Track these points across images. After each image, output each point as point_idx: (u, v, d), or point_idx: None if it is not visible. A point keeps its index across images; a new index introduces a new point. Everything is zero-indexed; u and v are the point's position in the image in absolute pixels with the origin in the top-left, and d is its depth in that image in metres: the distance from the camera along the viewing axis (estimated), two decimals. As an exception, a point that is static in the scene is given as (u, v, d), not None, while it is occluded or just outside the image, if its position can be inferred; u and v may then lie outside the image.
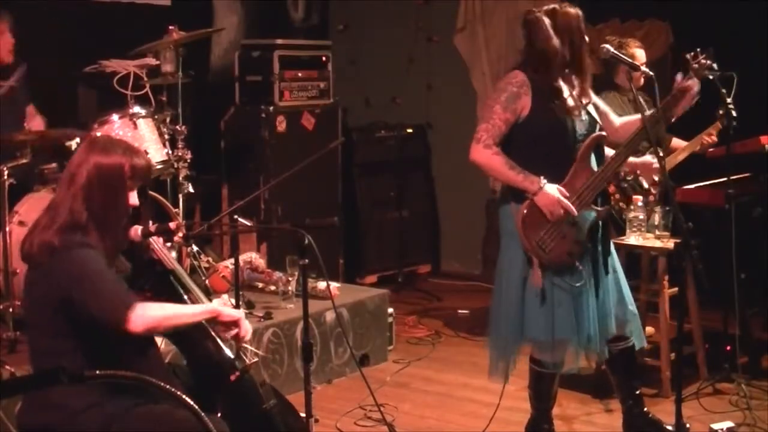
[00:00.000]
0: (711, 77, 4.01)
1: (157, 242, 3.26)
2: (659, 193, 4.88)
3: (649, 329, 5.25)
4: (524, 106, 3.82)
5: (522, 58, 3.91)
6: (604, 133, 3.91)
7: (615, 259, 4.03)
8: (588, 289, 3.88)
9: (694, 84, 3.87)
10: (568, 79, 3.88)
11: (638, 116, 3.88)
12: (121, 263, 3.16)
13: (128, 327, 2.85)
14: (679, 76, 3.90)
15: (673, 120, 3.95)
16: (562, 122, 3.83)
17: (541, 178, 3.80)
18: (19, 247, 3.05)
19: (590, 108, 3.94)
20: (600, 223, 3.93)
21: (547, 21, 3.80)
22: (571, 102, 3.86)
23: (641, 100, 4.27)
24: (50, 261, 2.92)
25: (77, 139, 4.81)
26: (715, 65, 3.92)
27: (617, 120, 4.06)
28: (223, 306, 3.28)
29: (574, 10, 3.83)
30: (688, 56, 3.94)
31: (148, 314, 2.90)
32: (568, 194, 3.82)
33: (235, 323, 3.15)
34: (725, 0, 5.87)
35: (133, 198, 3.08)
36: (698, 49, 3.92)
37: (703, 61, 3.89)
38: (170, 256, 3.31)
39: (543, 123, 3.81)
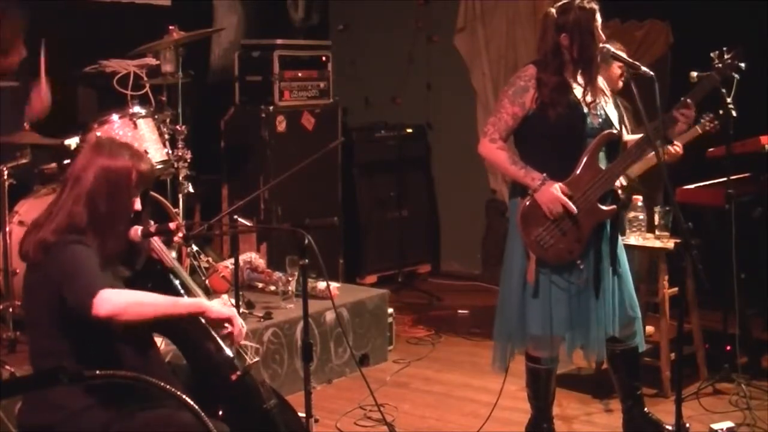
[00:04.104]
0: (737, 77, 3.96)
1: (156, 241, 3.26)
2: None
3: (649, 329, 5.25)
4: (533, 100, 3.82)
5: (538, 53, 3.93)
6: (615, 131, 3.90)
7: (623, 261, 4.02)
8: (588, 288, 3.88)
9: (690, 114, 3.85)
10: (578, 75, 3.88)
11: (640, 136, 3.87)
12: (120, 271, 3.14)
13: (92, 311, 2.79)
14: (686, 101, 3.85)
15: (672, 142, 3.93)
16: (571, 118, 3.82)
17: (544, 174, 3.80)
18: (18, 246, 3.05)
19: (609, 106, 3.94)
20: (607, 222, 3.93)
21: (558, 18, 3.81)
22: (581, 98, 3.86)
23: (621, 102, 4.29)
24: (45, 259, 2.92)
25: (76, 138, 4.80)
26: (742, 64, 3.89)
27: (626, 134, 4.05)
28: (219, 305, 3.24)
29: (589, 6, 3.82)
30: (713, 55, 3.92)
31: (114, 299, 2.82)
32: (570, 192, 3.82)
33: (227, 321, 3.11)
34: (725, 0, 5.87)
35: (137, 203, 3.08)
36: (724, 48, 3.91)
37: (728, 60, 3.88)
38: (170, 256, 3.31)
39: (551, 118, 3.81)
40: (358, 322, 5.33)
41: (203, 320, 3.14)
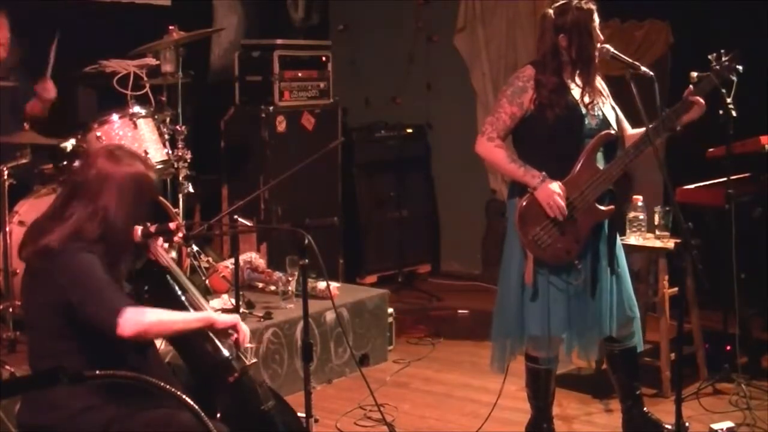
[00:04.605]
0: (735, 79, 3.96)
1: (153, 241, 3.25)
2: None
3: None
4: (531, 101, 3.83)
5: (536, 54, 3.93)
6: (612, 131, 3.90)
7: (621, 260, 4.03)
8: (586, 288, 3.89)
9: (701, 101, 3.85)
10: (576, 76, 3.88)
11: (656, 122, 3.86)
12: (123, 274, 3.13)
13: (117, 331, 2.83)
14: (690, 87, 3.87)
15: (678, 129, 3.92)
16: (569, 118, 3.83)
17: (543, 173, 3.81)
18: (18, 248, 3.04)
19: (607, 107, 3.94)
20: (605, 222, 3.93)
21: (556, 19, 3.81)
22: (579, 98, 3.86)
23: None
24: (49, 264, 2.91)
25: (72, 141, 4.80)
26: (740, 67, 3.89)
27: (629, 128, 4.05)
28: (217, 313, 3.25)
29: (587, 7, 3.83)
30: (710, 57, 3.92)
31: (138, 319, 2.86)
32: (565, 193, 3.82)
33: (232, 328, 3.14)
34: (725, 0, 5.87)
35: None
36: (722, 50, 3.91)
37: (726, 62, 3.88)
38: (166, 256, 3.30)
39: (549, 118, 3.81)
40: (358, 322, 5.33)
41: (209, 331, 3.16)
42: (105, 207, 2.97)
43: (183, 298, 3.25)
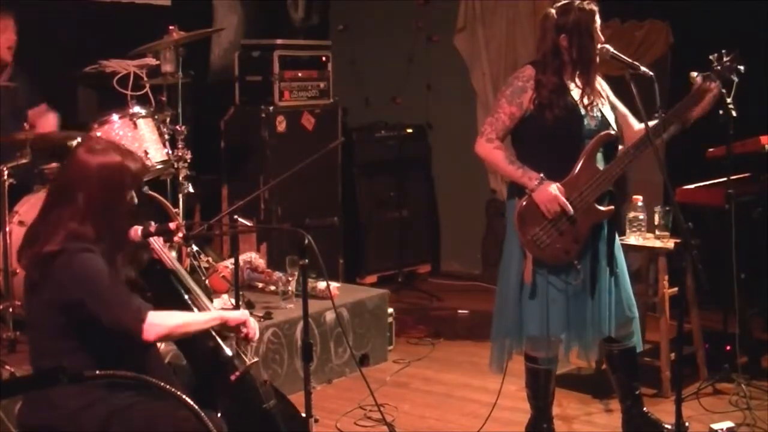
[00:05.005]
0: (735, 80, 3.97)
1: (157, 242, 3.26)
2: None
3: None
4: (530, 101, 3.83)
5: (537, 54, 3.93)
6: (612, 132, 3.91)
7: (620, 260, 4.03)
8: (585, 288, 3.89)
9: (715, 87, 3.85)
10: (576, 77, 3.88)
11: (656, 122, 3.86)
12: (128, 273, 3.13)
13: (142, 337, 2.87)
14: (699, 78, 3.88)
15: (690, 123, 3.91)
16: (568, 118, 3.83)
17: (541, 174, 3.81)
18: (17, 255, 3.04)
19: (606, 108, 3.94)
20: (605, 222, 3.93)
21: (558, 19, 3.81)
22: (578, 99, 3.86)
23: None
24: (49, 268, 2.91)
25: (79, 139, 4.80)
26: (741, 67, 3.90)
27: (636, 124, 4.05)
28: (227, 310, 3.28)
29: (589, 8, 3.83)
30: (712, 57, 3.92)
31: (161, 323, 2.91)
32: (564, 194, 3.82)
33: (242, 324, 3.18)
34: (725, 0, 5.87)
35: (134, 198, 3.08)
36: (723, 51, 3.91)
37: (728, 62, 3.88)
38: (170, 256, 3.31)
39: (549, 119, 3.81)
40: (358, 322, 5.33)
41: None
42: (86, 202, 2.96)
43: (186, 297, 3.26)
